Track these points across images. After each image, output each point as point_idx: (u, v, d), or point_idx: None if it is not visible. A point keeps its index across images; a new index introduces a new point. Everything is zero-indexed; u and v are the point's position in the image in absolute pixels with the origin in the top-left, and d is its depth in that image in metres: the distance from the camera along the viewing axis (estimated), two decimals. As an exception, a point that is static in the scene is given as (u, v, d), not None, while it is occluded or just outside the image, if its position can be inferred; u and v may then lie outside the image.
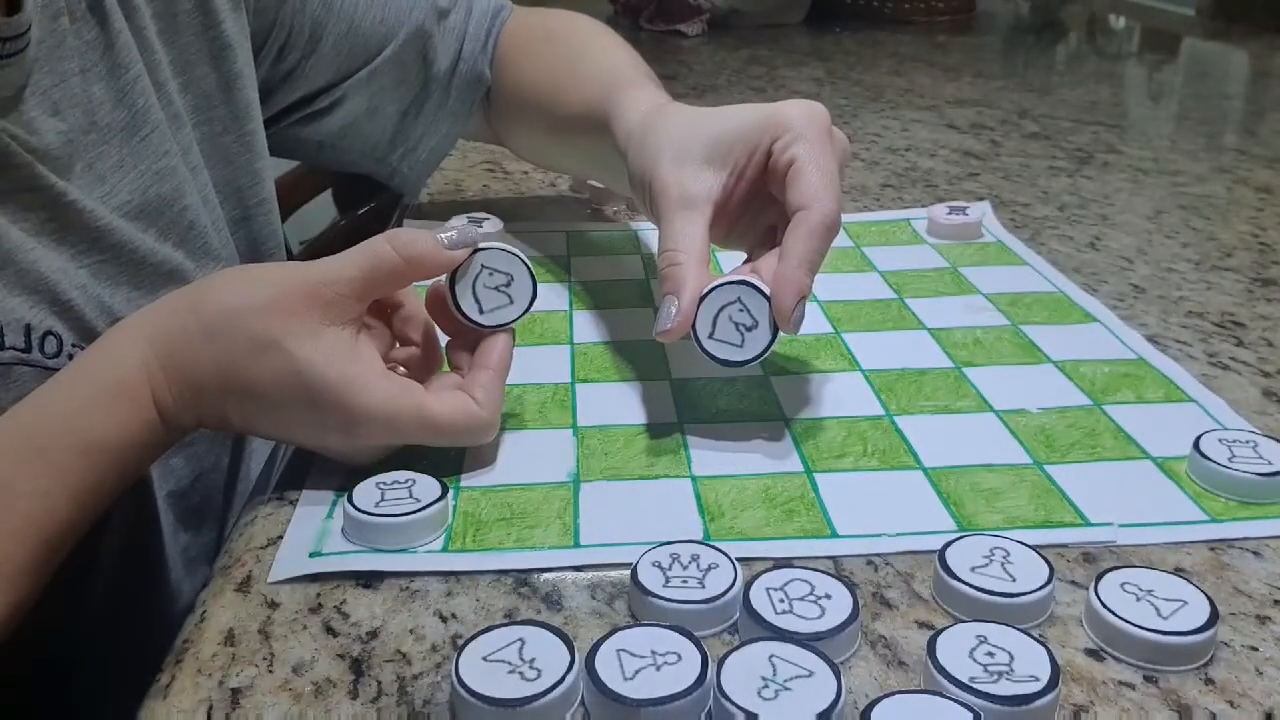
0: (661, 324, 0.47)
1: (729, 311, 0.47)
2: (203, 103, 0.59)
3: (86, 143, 0.51)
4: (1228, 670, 0.36)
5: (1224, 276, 0.70)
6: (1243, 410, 0.52)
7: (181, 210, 0.56)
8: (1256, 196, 0.87)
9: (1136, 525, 0.44)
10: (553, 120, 0.69)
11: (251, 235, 0.64)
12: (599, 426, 0.51)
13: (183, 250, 0.56)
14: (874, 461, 0.48)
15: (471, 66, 0.73)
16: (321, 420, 0.43)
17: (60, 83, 0.50)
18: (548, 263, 0.72)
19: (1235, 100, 1.33)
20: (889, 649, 0.37)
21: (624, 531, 0.43)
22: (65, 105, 0.50)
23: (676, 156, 0.50)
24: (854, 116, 1.14)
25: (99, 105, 0.52)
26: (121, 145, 0.53)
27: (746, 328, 0.47)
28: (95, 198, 0.51)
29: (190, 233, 0.57)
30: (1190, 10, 1.85)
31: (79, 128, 0.51)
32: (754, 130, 0.49)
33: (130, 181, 0.53)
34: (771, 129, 0.49)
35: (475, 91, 0.74)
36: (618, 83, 0.62)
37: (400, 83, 0.72)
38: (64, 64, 0.50)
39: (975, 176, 0.93)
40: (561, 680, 0.34)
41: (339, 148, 0.74)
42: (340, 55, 0.69)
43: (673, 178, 0.50)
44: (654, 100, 0.59)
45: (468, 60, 0.73)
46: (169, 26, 0.56)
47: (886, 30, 1.70)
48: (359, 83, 0.70)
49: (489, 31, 0.74)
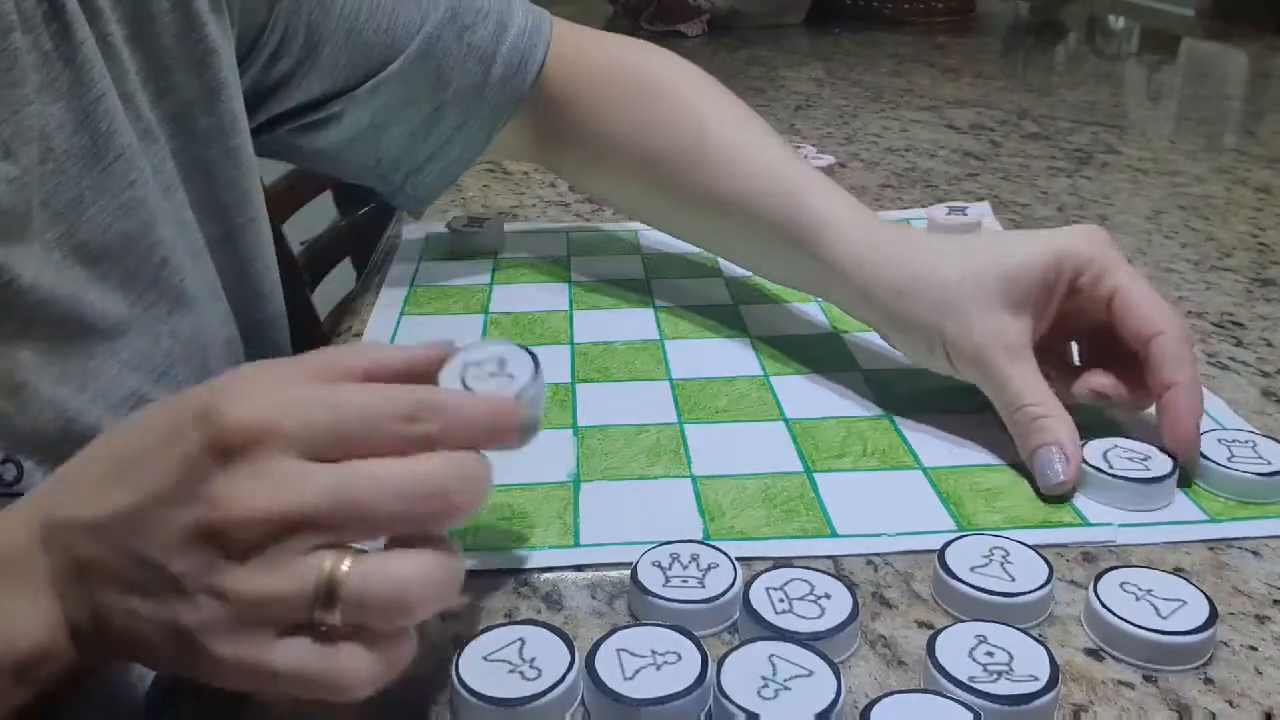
0: (1055, 476, 0.45)
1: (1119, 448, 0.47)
2: (181, 113, 0.53)
3: (42, 174, 0.44)
4: (1227, 670, 0.36)
5: (1223, 277, 0.70)
6: (1242, 410, 0.53)
7: (151, 246, 0.49)
8: (1256, 197, 0.87)
9: (1136, 525, 0.44)
10: (677, 190, 0.63)
11: (237, 255, 0.58)
12: (599, 426, 0.51)
13: (154, 290, 0.50)
14: (873, 461, 0.48)
15: (501, 91, 0.66)
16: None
17: (11, 115, 0.43)
18: (548, 263, 0.72)
19: (1234, 101, 1.33)
20: (888, 648, 0.37)
21: (624, 531, 0.43)
22: (18, 143, 0.43)
23: (981, 305, 0.49)
24: (854, 116, 1.14)
25: (56, 130, 0.45)
26: (81, 176, 0.46)
27: (1142, 456, 0.46)
28: (49, 240, 0.45)
29: (162, 271, 0.50)
30: (1189, 11, 1.85)
31: (33, 163, 0.44)
32: (1047, 270, 0.48)
33: (91, 218, 0.47)
34: (1069, 267, 0.49)
35: (501, 118, 0.67)
36: (795, 188, 0.57)
37: (408, 102, 0.65)
38: (16, 90, 0.43)
39: (975, 177, 0.93)
40: (561, 680, 0.34)
41: (338, 159, 0.68)
42: (338, 66, 0.62)
43: (990, 327, 0.48)
44: (861, 219, 0.55)
45: (495, 85, 0.66)
46: (141, 31, 0.50)
47: (886, 30, 1.70)
48: (359, 98, 0.64)
49: (528, 57, 0.66)
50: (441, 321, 0.64)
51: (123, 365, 0.47)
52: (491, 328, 0.62)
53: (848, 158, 0.98)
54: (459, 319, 0.64)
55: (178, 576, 0.31)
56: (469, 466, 0.33)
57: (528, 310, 0.65)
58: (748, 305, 0.65)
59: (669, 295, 0.67)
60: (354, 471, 0.32)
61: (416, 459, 0.32)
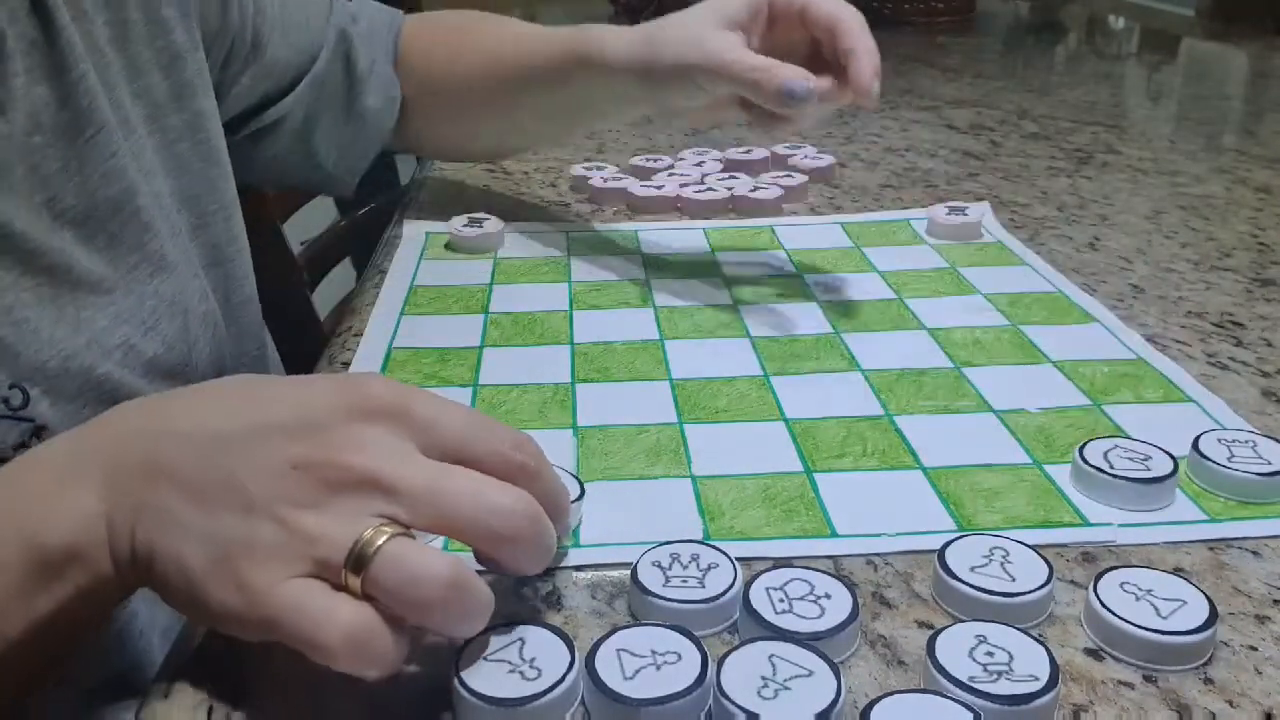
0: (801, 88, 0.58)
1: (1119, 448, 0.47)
2: (155, 111, 0.57)
3: (30, 145, 0.49)
4: (1227, 670, 0.36)
5: (1223, 277, 0.70)
6: (1242, 410, 0.53)
7: (133, 213, 0.53)
8: (1256, 197, 0.87)
9: (1135, 525, 0.44)
10: (490, 88, 0.76)
11: (211, 241, 0.61)
12: (599, 426, 0.52)
13: (139, 253, 0.54)
14: (874, 461, 0.48)
15: (385, 69, 0.78)
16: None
17: (2, 83, 0.48)
18: (548, 263, 0.72)
19: (1234, 101, 1.33)
20: (888, 648, 0.37)
21: (624, 531, 0.43)
22: (9, 107, 0.48)
23: (709, 29, 0.62)
24: (854, 116, 1.14)
25: (43, 108, 0.49)
26: (66, 147, 0.50)
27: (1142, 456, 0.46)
28: (37, 203, 0.49)
29: (144, 236, 0.54)
30: (1189, 11, 1.85)
31: (20, 130, 0.48)
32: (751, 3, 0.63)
33: (76, 185, 0.51)
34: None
35: (393, 88, 0.78)
36: (573, 33, 0.70)
37: (333, 94, 0.75)
38: (6, 64, 0.48)
39: (975, 177, 0.93)
40: (562, 680, 0.34)
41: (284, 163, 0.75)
42: (277, 64, 0.70)
43: (719, 41, 0.62)
44: (619, 28, 0.68)
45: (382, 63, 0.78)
46: (120, 34, 0.55)
47: (886, 30, 1.69)
48: (298, 95, 0.72)
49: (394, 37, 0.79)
50: (441, 321, 0.64)
51: (113, 318, 0.51)
52: (491, 328, 0.62)
53: (848, 158, 0.98)
54: (459, 319, 0.64)
55: (254, 498, 0.33)
56: (547, 508, 0.35)
57: (528, 310, 0.65)
58: (748, 305, 0.65)
59: (669, 295, 0.67)
60: (455, 470, 0.34)
61: (507, 485, 0.35)
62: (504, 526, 0.34)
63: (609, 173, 0.88)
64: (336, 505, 0.33)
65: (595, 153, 1.01)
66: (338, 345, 0.61)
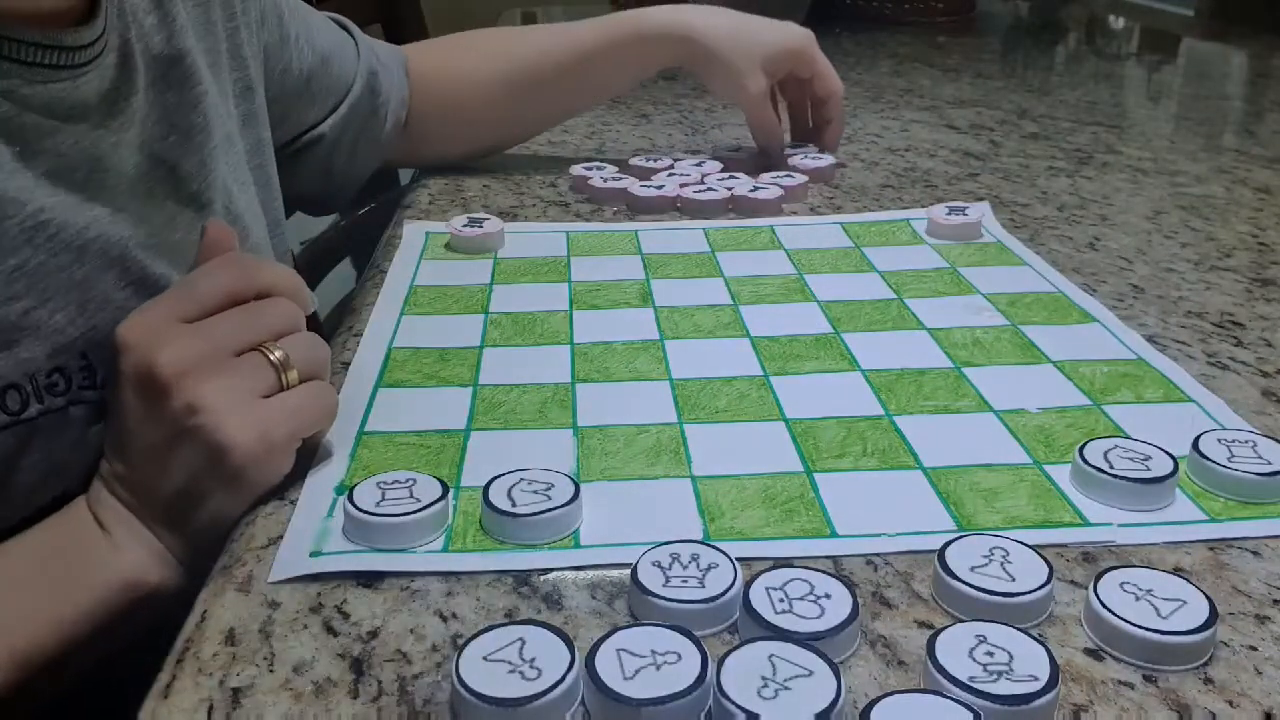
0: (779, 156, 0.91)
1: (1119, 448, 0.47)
2: (231, 133, 0.65)
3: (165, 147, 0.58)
4: (1227, 670, 0.36)
5: (1223, 277, 0.70)
6: (1242, 410, 0.52)
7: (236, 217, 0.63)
8: (1256, 197, 0.88)
9: (1136, 525, 0.44)
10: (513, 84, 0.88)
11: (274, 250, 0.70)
12: (599, 426, 0.52)
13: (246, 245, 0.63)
14: (873, 461, 0.48)
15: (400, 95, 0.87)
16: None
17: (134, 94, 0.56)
18: (548, 263, 0.72)
19: (1234, 101, 1.33)
20: (888, 648, 0.37)
21: (624, 531, 0.43)
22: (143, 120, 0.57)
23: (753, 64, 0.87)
24: (854, 117, 1.14)
25: (173, 110, 0.59)
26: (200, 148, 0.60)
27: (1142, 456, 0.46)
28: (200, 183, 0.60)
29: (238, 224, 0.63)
30: (1189, 11, 1.86)
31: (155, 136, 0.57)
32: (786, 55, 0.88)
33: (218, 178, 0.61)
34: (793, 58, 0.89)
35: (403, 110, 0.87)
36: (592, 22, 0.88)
37: (362, 117, 0.83)
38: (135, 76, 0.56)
39: (975, 177, 0.93)
40: (562, 680, 0.34)
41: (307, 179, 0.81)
42: (320, 93, 0.79)
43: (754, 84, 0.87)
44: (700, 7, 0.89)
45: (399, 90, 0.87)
46: (214, 61, 0.64)
47: (886, 30, 1.70)
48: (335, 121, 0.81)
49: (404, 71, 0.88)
50: (441, 321, 0.64)
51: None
52: (491, 327, 0.62)
53: (848, 158, 0.98)
54: (459, 318, 0.64)
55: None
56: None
57: (528, 310, 0.65)
58: (748, 305, 0.65)
59: (669, 295, 0.67)
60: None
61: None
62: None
63: (609, 173, 0.88)
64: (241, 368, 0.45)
65: (595, 153, 1.01)
66: (337, 345, 0.61)
